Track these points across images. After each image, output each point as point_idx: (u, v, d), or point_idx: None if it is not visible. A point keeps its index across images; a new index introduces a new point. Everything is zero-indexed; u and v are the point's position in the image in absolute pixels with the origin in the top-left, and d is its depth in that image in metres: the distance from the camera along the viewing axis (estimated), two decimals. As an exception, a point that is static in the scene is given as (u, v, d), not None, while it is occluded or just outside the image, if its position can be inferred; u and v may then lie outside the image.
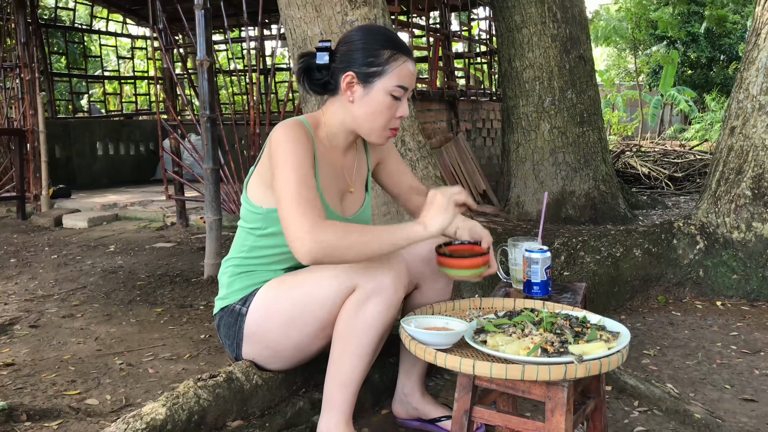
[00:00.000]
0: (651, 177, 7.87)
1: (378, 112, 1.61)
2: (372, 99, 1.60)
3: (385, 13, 3.04)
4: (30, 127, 6.65)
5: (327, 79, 1.64)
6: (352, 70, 1.59)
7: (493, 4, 5.52)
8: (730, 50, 18.12)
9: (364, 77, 1.59)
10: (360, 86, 1.60)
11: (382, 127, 1.63)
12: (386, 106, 1.60)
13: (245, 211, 1.72)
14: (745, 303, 3.07)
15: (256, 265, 1.72)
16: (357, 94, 1.61)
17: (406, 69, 1.62)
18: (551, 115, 5.21)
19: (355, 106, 1.62)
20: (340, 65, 1.62)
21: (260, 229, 1.68)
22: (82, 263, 4.23)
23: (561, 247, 3.26)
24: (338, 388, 1.58)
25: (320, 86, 1.67)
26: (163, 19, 5.36)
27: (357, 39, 1.62)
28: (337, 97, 1.66)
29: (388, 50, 1.60)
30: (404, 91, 1.62)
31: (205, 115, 3.67)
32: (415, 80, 1.66)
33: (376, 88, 1.59)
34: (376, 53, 1.59)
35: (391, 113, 1.62)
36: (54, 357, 2.50)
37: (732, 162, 3.29)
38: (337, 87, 1.64)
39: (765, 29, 3.21)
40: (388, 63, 1.59)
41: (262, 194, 1.66)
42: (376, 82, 1.59)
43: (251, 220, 1.70)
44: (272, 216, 1.65)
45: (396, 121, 1.64)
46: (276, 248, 1.69)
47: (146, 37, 10.78)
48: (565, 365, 1.27)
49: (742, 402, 2.06)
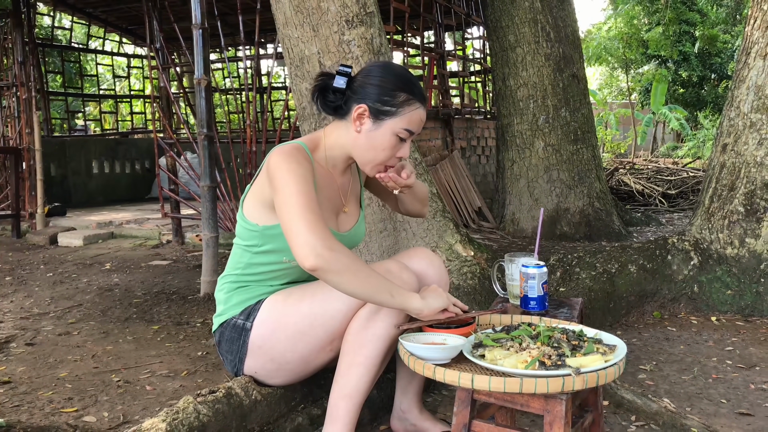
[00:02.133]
0: (645, 194, 7.92)
1: (381, 149, 1.64)
2: (378, 135, 1.63)
3: (381, 33, 3.09)
4: (26, 146, 6.66)
5: (340, 104, 1.67)
6: (366, 103, 1.62)
7: (487, 24, 5.59)
8: (721, 69, 18.33)
9: (375, 113, 1.62)
10: (370, 120, 1.63)
11: (381, 162, 1.67)
12: (390, 145, 1.64)
13: (241, 228, 1.74)
14: (739, 318, 3.09)
15: (253, 282, 1.74)
16: (365, 127, 1.64)
17: (417, 115, 1.65)
18: (545, 133, 5.27)
19: (360, 137, 1.65)
20: (354, 94, 1.64)
21: (256, 246, 1.71)
22: (78, 281, 4.22)
23: (557, 263, 3.29)
24: (343, 400, 1.60)
25: (332, 108, 1.70)
26: (160, 39, 5.41)
27: (376, 74, 1.64)
28: (343, 122, 1.68)
29: (404, 93, 1.62)
30: (410, 135, 1.65)
31: (202, 133, 3.70)
32: (422, 126, 1.70)
33: (384, 126, 1.62)
34: (392, 94, 1.62)
35: (392, 152, 1.65)
36: (51, 375, 2.49)
37: (725, 179, 3.32)
38: (347, 113, 1.66)
39: (754, 49, 3.26)
40: (401, 106, 1.62)
41: (258, 212, 1.69)
42: (386, 121, 1.62)
43: (247, 237, 1.72)
44: (268, 233, 1.67)
45: (395, 159, 1.68)
46: (272, 265, 1.71)
47: (142, 57, 10.84)
48: (562, 378, 1.28)
49: (738, 416, 2.07)
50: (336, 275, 1.46)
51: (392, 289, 1.51)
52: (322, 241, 1.45)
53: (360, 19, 2.98)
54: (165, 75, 5.48)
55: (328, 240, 1.47)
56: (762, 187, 3.19)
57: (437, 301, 1.55)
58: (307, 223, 1.48)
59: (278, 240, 1.66)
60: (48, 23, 9.98)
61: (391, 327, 1.58)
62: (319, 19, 2.97)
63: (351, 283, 1.47)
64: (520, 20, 5.22)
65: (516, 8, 5.22)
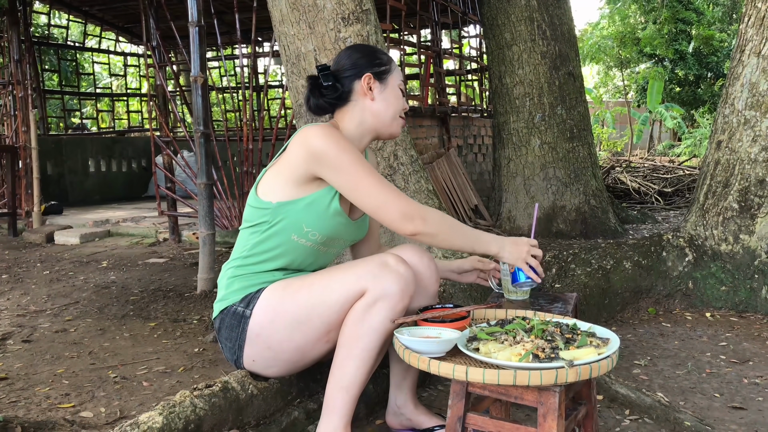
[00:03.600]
0: (641, 192, 7.94)
1: (394, 100, 1.82)
2: (389, 92, 1.81)
3: (377, 30, 3.10)
4: (22, 144, 6.66)
5: (341, 91, 1.79)
6: (368, 72, 1.78)
7: (484, 22, 5.60)
8: (717, 67, 18.37)
9: (378, 75, 1.80)
10: (377, 83, 1.80)
11: (397, 115, 1.83)
12: (398, 96, 1.83)
13: (251, 211, 1.77)
14: (733, 314, 3.11)
15: (258, 263, 1.76)
16: (376, 91, 1.80)
17: (398, 70, 1.86)
18: (541, 131, 5.28)
19: (376, 102, 1.80)
20: (348, 74, 1.79)
21: (267, 223, 1.73)
22: (75, 279, 4.22)
23: (552, 260, 3.30)
24: (340, 392, 1.61)
25: (335, 99, 1.80)
26: (156, 37, 5.41)
27: (355, 51, 1.84)
28: (349, 105, 1.81)
29: (384, 55, 1.84)
30: (404, 86, 1.86)
31: (199, 131, 3.70)
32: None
33: (389, 82, 1.82)
34: (378, 57, 1.82)
35: (401, 104, 1.84)
36: (48, 371, 2.50)
37: (719, 175, 3.34)
38: (350, 94, 1.80)
39: (749, 46, 3.28)
40: (389, 63, 1.83)
41: (278, 189, 1.72)
42: (388, 78, 1.82)
43: (258, 218, 1.75)
44: (282, 209, 1.71)
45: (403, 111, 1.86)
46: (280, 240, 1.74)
47: (139, 55, 10.84)
48: (556, 370, 1.29)
49: (731, 410, 2.09)
50: (434, 237, 1.65)
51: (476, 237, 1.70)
52: (413, 208, 1.63)
53: (356, 16, 2.99)
54: (162, 73, 5.48)
55: (415, 204, 1.65)
56: (756, 183, 3.21)
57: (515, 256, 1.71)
58: (392, 193, 1.64)
59: (290, 214, 1.71)
60: (44, 21, 9.95)
61: (387, 319, 1.60)
62: (315, 16, 2.97)
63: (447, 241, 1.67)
64: (516, 18, 5.23)
65: (512, 6, 5.23)
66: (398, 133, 1.86)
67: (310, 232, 1.72)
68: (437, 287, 1.85)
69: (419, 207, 1.65)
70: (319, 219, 1.71)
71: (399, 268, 1.61)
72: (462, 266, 1.98)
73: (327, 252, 1.82)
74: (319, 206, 1.71)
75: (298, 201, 1.70)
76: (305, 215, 1.70)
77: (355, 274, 1.62)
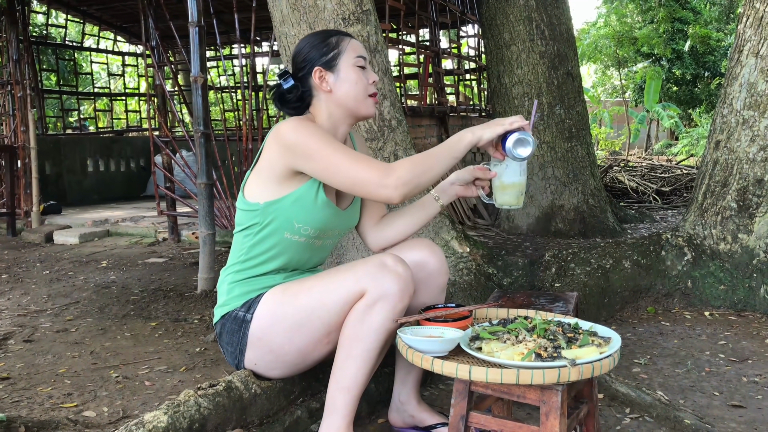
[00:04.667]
0: (639, 191, 7.96)
1: (354, 84, 1.75)
2: (344, 77, 1.75)
3: (377, 30, 3.10)
4: (21, 144, 6.65)
5: (300, 92, 1.78)
6: (317, 65, 1.75)
7: (482, 22, 5.61)
8: (714, 67, 18.40)
9: (328, 65, 1.75)
10: (329, 73, 1.75)
11: (363, 95, 1.77)
12: (357, 76, 1.76)
13: (241, 214, 1.78)
14: (732, 313, 3.12)
15: (256, 266, 1.76)
16: (330, 81, 1.75)
17: (355, 43, 1.79)
18: (540, 131, 5.29)
19: (334, 92, 1.76)
20: (304, 72, 1.77)
21: (258, 225, 1.74)
22: (75, 279, 4.23)
23: (551, 259, 3.31)
24: (341, 392, 1.62)
25: (298, 102, 1.79)
26: (156, 36, 5.41)
27: (304, 44, 1.79)
28: (316, 100, 1.79)
29: (332, 38, 1.78)
30: (364, 60, 1.78)
31: (198, 131, 3.71)
32: (366, 50, 1.85)
33: (342, 67, 1.75)
34: (326, 43, 1.76)
35: (364, 82, 1.77)
36: (49, 371, 2.50)
37: (717, 175, 3.36)
38: (311, 92, 1.78)
39: (747, 46, 3.30)
40: (338, 45, 1.76)
41: (262, 189, 1.73)
42: (340, 63, 1.75)
43: (248, 220, 1.75)
44: (270, 209, 1.71)
45: (371, 87, 1.79)
46: (274, 240, 1.74)
47: (137, 54, 10.82)
48: (558, 369, 1.31)
49: (730, 408, 2.10)
50: (417, 186, 1.59)
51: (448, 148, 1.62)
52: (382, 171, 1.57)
53: (356, 16, 3.00)
54: (160, 73, 5.48)
55: (383, 167, 1.59)
56: (754, 183, 3.22)
57: (491, 129, 1.62)
58: (361, 164, 1.59)
59: (279, 213, 1.71)
60: (42, 21, 9.93)
61: (387, 320, 1.60)
62: (315, 17, 2.98)
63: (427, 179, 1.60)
64: (514, 18, 5.24)
65: (510, 6, 5.24)
66: (372, 112, 1.80)
67: (302, 228, 1.72)
68: (446, 282, 1.86)
69: (387, 167, 1.59)
70: (309, 213, 1.71)
71: (398, 268, 1.61)
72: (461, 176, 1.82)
73: (322, 245, 1.83)
74: (306, 200, 1.71)
75: (284, 198, 1.70)
76: (294, 211, 1.71)
77: (354, 275, 1.62)
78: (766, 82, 3.20)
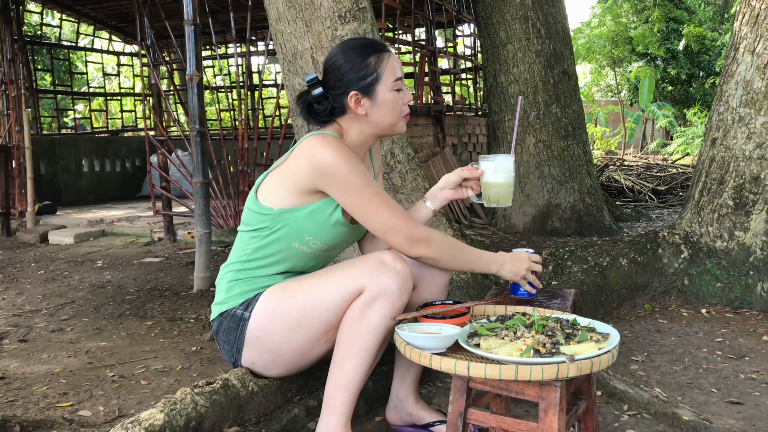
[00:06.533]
0: (635, 190, 7.98)
1: (391, 110, 1.74)
2: (381, 103, 1.72)
3: (374, 29, 3.10)
4: (15, 144, 6.62)
5: (330, 106, 1.74)
6: (354, 90, 1.70)
7: (478, 21, 5.61)
8: (709, 66, 18.46)
9: (365, 90, 1.71)
10: (366, 99, 1.71)
11: (399, 117, 1.77)
12: (394, 101, 1.74)
13: (251, 214, 1.75)
14: (729, 310, 3.12)
15: (258, 267, 1.74)
16: (367, 107, 1.72)
17: (393, 62, 1.74)
18: (536, 129, 5.29)
19: (370, 116, 1.74)
20: (338, 91, 1.72)
21: (268, 229, 1.71)
22: (70, 278, 4.21)
23: (548, 257, 3.31)
24: (339, 390, 1.61)
25: (327, 114, 1.75)
26: (151, 36, 5.39)
27: (342, 62, 1.72)
28: (346, 116, 1.76)
29: (372, 56, 1.71)
30: (401, 82, 1.75)
31: (194, 129, 3.69)
32: (401, 66, 1.79)
33: (379, 93, 1.71)
34: (364, 65, 1.70)
35: (400, 105, 1.76)
36: (45, 370, 2.49)
37: (714, 173, 3.36)
38: (344, 108, 1.74)
39: (743, 44, 3.30)
40: (377, 68, 1.71)
41: (278, 196, 1.70)
42: (378, 88, 1.71)
43: (257, 222, 1.73)
44: (283, 217, 1.69)
45: (406, 107, 1.78)
46: (280, 247, 1.72)
47: (132, 54, 10.79)
48: (557, 365, 1.30)
49: (728, 405, 2.10)
50: (436, 261, 1.69)
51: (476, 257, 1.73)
52: (419, 232, 1.66)
53: (353, 14, 2.99)
54: (156, 72, 5.46)
55: (421, 229, 1.67)
56: (751, 180, 3.23)
57: (514, 273, 1.75)
58: (400, 217, 1.65)
59: (292, 223, 1.69)
60: (37, 20, 9.90)
61: (385, 318, 1.59)
62: (312, 14, 2.97)
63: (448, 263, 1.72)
64: (510, 17, 5.25)
65: (507, 5, 5.24)
66: (403, 130, 1.82)
67: (311, 241, 1.71)
68: (448, 280, 1.85)
69: (424, 231, 1.66)
70: (321, 228, 1.70)
71: (396, 265, 1.60)
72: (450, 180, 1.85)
73: (327, 255, 1.82)
74: (321, 216, 1.69)
75: (299, 209, 1.68)
76: (307, 224, 1.69)
77: (352, 273, 1.61)
78: (762, 79, 3.20)
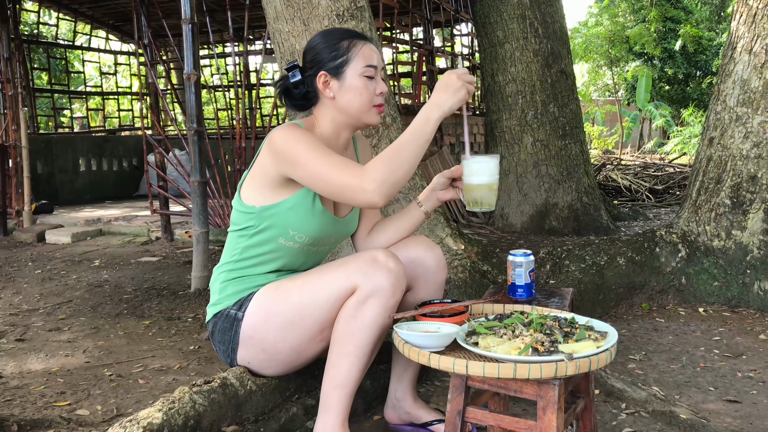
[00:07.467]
0: (632, 189, 7.99)
1: (358, 95, 1.69)
2: (349, 86, 1.69)
3: (372, 27, 3.10)
4: (12, 143, 6.60)
5: (305, 91, 1.74)
6: (323, 70, 1.69)
7: (476, 20, 5.61)
8: (706, 66, 18.49)
9: (334, 71, 1.69)
10: (334, 80, 1.69)
11: (367, 106, 1.71)
12: (363, 87, 1.69)
13: (237, 214, 1.76)
14: (726, 309, 3.13)
15: (249, 267, 1.75)
16: (334, 89, 1.70)
17: (368, 50, 1.71)
18: (534, 129, 5.30)
19: (337, 100, 1.70)
20: (311, 72, 1.72)
21: (253, 228, 1.72)
22: (67, 278, 4.20)
23: (546, 256, 3.31)
24: (335, 389, 1.61)
25: (302, 100, 1.76)
26: (148, 35, 5.38)
27: (317, 42, 1.73)
28: (320, 103, 1.75)
29: (346, 40, 1.70)
30: (374, 70, 1.71)
31: (192, 128, 3.69)
32: (380, 58, 1.76)
33: (348, 75, 1.69)
34: (337, 46, 1.69)
35: (369, 93, 1.70)
36: (42, 369, 2.48)
37: (711, 172, 3.37)
38: (317, 94, 1.73)
39: (740, 43, 3.31)
40: (349, 50, 1.69)
41: (257, 194, 1.71)
42: (347, 71, 1.69)
43: (243, 221, 1.73)
44: (266, 213, 1.69)
45: (378, 98, 1.72)
46: (268, 246, 1.73)
47: (130, 53, 10.78)
48: (555, 363, 1.30)
49: (726, 403, 2.11)
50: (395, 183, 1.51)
51: (417, 129, 1.54)
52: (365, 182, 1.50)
53: (351, 13, 2.99)
54: (153, 71, 5.45)
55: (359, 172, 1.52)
56: (748, 179, 3.23)
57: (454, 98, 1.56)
58: (343, 172, 1.53)
59: (275, 219, 1.69)
60: (34, 19, 9.87)
61: (379, 316, 1.58)
62: (309, 13, 2.97)
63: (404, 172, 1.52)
64: (508, 16, 5.25)
65: (504, 4, 5.24)
66: (376, 121, 1.74)
67: (296, 235, 1.71)
68: (444, 278, 1.85)
69: (361, 171, 1.52)
70: (305, 221, 1.69)
71: (389, 263, 1.59)
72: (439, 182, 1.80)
73: (317, 251, 1.81)
74: (303, 208, 1.69)
75: (279, 204, 1.68)
76: (290, 219, 1.68)
77: (345, 271, 1.60)
78: (759, 78, 3.21)
